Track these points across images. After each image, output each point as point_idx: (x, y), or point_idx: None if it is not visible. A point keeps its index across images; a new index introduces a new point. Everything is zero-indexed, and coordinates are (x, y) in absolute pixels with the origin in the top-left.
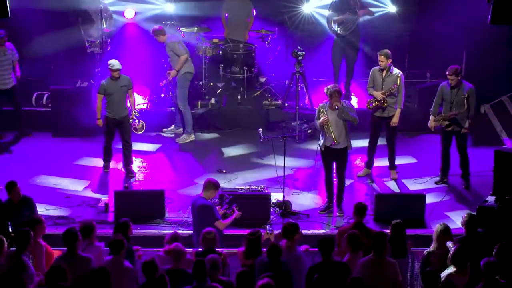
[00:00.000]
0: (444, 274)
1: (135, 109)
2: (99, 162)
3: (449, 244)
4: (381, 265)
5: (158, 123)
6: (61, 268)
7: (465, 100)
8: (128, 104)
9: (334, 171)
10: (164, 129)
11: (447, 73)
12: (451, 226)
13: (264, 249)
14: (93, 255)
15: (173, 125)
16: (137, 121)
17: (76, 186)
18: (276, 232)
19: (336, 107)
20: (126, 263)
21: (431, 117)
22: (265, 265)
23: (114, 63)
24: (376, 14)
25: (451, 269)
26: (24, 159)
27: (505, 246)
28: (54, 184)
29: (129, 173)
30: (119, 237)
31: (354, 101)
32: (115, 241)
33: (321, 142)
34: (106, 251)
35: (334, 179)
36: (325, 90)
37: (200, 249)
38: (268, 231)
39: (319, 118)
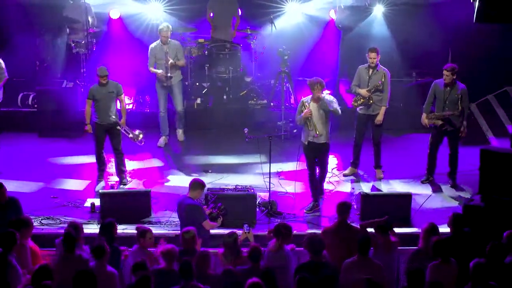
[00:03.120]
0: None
1: (124, 115)
2: (85, 162)
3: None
4: (366, 267)
5: (143, 123)
6: (47, 268)
7: (459, 101)
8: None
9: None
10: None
11: (444, 68)
12: (438, 225)
13: (244, 249)
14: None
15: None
16: (137, 132)
17: (62, 186)
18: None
19: (318, 98)
20: (108, 267)
21: (424, 114)
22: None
23: (102, 69)
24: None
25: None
26: (9, 159)
27: (497, 245)
28: (40, 184)
29: (122, 181)
30: (102, 242)
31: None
32: (98, 246)
33: (303, 137)
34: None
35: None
36: (308, 82)
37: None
38: (245, 230)
39: (301, 113)
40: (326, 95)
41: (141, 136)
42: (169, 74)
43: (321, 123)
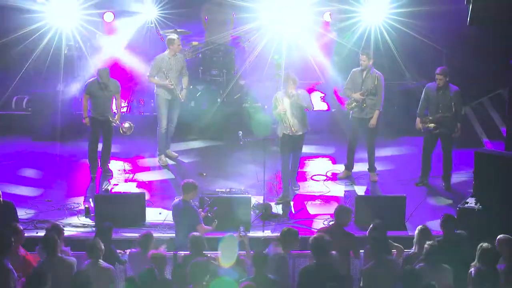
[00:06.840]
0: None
1: (119, 112)
2: (79, 165)
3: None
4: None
5: (138, 126)
6: (42, 272)
7: (452, 103)
8: (114, 107)
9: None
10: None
11: (436, 72)
12: (432, 228)
13: (240, 251)
14: None
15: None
16: (126, 124)
17: (56, 189)
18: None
19: (291, 94)
20: (104, 264)
21: (418, 119)
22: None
23: (104, 73)
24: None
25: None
26: (3, 162)
27: (486, 249)
28: (34, 188)
29: (106, 172)
30: (96, 241)
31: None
32: (91, 244)
33: (278, 130)
34: (74, 254)
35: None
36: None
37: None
38: (241, 233)
39: (275, 108)
40: (300, 90)
41: (131, 128)
42: (172, 84)
43: (296, 118)
